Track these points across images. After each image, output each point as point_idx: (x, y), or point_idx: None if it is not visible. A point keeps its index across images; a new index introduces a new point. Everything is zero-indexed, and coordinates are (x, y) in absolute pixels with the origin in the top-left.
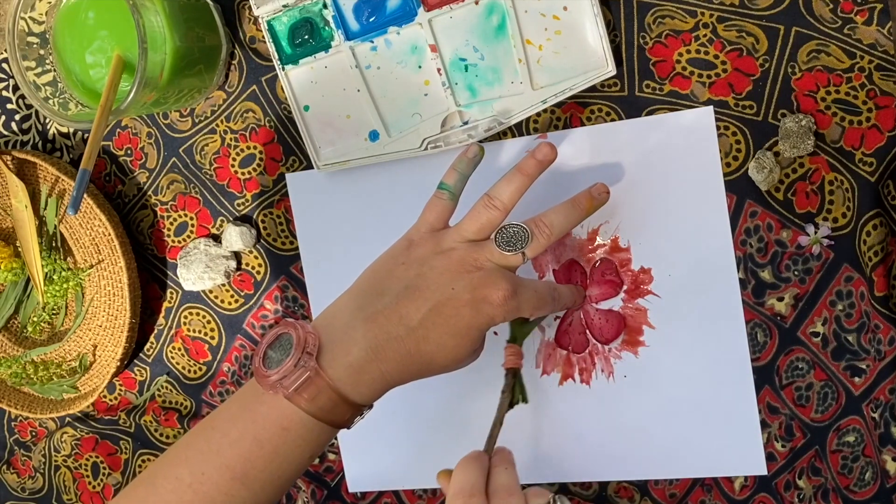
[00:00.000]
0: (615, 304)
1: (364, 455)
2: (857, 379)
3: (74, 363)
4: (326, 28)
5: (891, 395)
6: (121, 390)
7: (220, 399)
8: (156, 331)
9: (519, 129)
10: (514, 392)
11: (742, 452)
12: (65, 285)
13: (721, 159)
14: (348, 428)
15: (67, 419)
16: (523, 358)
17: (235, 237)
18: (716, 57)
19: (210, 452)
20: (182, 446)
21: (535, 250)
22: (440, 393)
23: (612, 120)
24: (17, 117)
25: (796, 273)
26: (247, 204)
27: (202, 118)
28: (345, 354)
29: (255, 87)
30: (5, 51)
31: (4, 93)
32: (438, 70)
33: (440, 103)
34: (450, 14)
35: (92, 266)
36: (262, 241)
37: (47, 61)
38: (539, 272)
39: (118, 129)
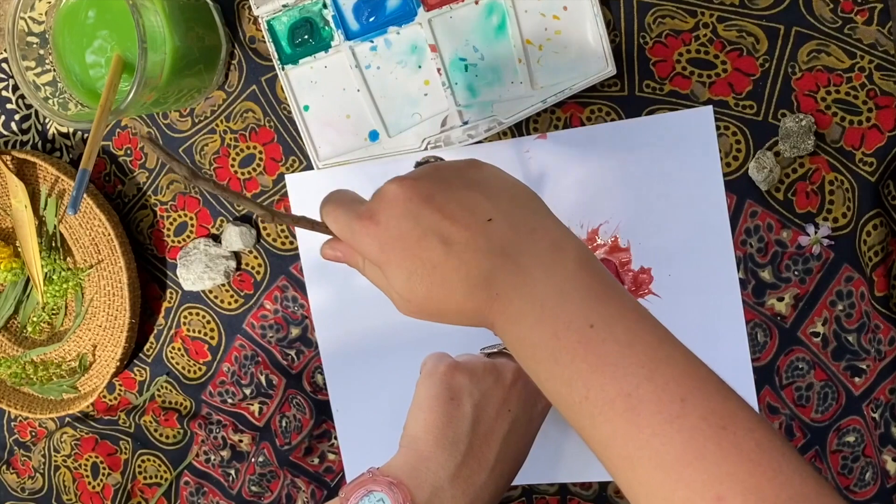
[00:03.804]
0: None
1: (364, 455)
2: (857, 379)
3: (74, 363)
4: (326, 28)
5: (891, 395)
6: (120, 390)
7: (219, 399)
8: (155, 331)
9: (519, 129)
10: None
11: None
12: (64, 285)
13: (721, 159)
14: None
15: (67, 419)
16: None
17: (235, 237)
18: (716, 57)
19: None
20: None
21: None
22: None
23: (612, 120)
24: (16, 117)
25: (796, 273)
26: None
27: (202, 118)
28: None
29: (254, 86)
30: (5, 51)
31: (4, 93)
32: (438, 70)
33: (440, 103)
34: (450, 14)
35: (92, 266)
36: (261, 241)
37: (47, 61)
38: None
39: (118, 129)
